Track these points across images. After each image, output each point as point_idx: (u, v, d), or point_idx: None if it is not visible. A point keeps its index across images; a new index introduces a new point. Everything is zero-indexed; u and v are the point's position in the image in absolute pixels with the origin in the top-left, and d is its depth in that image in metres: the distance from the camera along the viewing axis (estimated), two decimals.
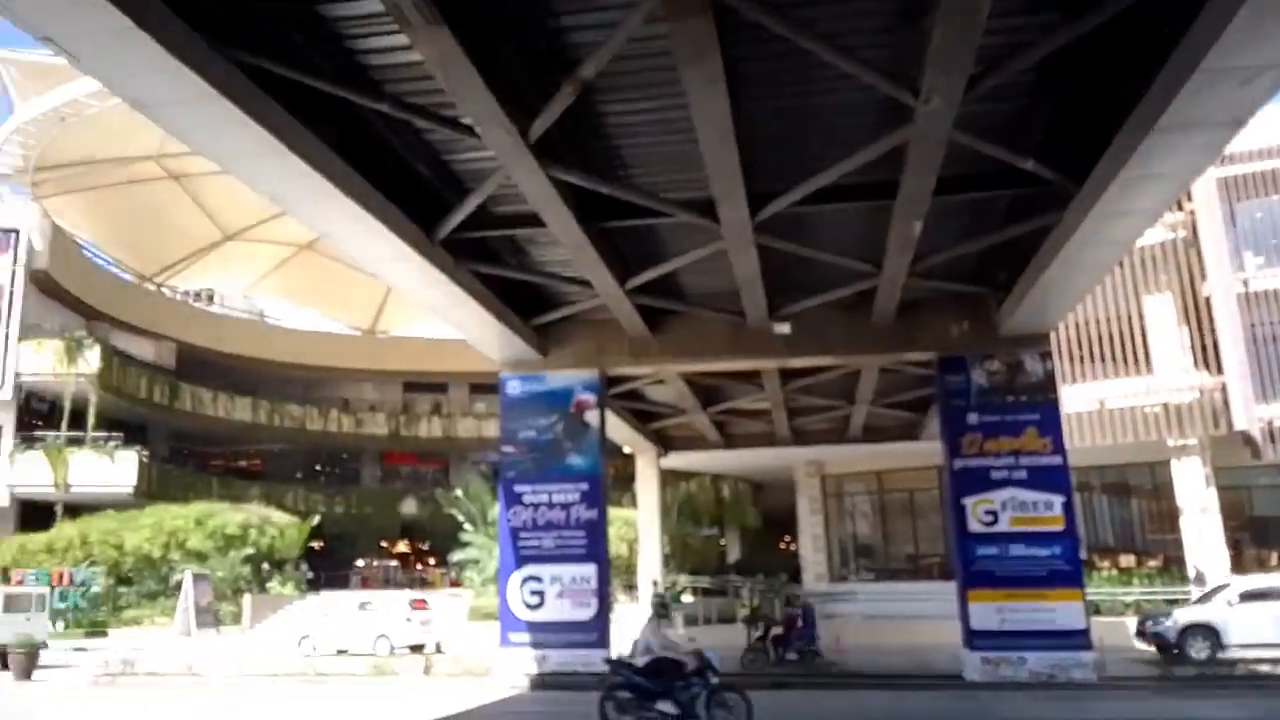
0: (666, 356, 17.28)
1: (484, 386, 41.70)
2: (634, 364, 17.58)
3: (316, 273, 45.35)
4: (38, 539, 30.82)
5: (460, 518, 31.94)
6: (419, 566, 43.92)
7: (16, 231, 33.95)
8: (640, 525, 27.06)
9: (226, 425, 42.32)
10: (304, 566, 34.76)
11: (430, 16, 7.31)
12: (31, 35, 7.24)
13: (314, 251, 43.44)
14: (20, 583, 28.39)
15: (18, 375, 33.38)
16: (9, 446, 33.23)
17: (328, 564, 40.24)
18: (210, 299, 48.34)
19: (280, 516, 34.12)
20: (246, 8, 8.15)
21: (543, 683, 15.59)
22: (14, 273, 33.74)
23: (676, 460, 27.97)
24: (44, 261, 34.58)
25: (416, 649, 20.93)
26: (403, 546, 47.95)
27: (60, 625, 27.35)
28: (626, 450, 27.07)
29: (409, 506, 46.13)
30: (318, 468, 48.16)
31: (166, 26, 7.15)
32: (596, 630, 15.96)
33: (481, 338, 16.59)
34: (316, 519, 35.94)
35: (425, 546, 46.23)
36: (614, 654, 13.28)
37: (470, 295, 13.83)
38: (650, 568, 26.16)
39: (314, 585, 34.34)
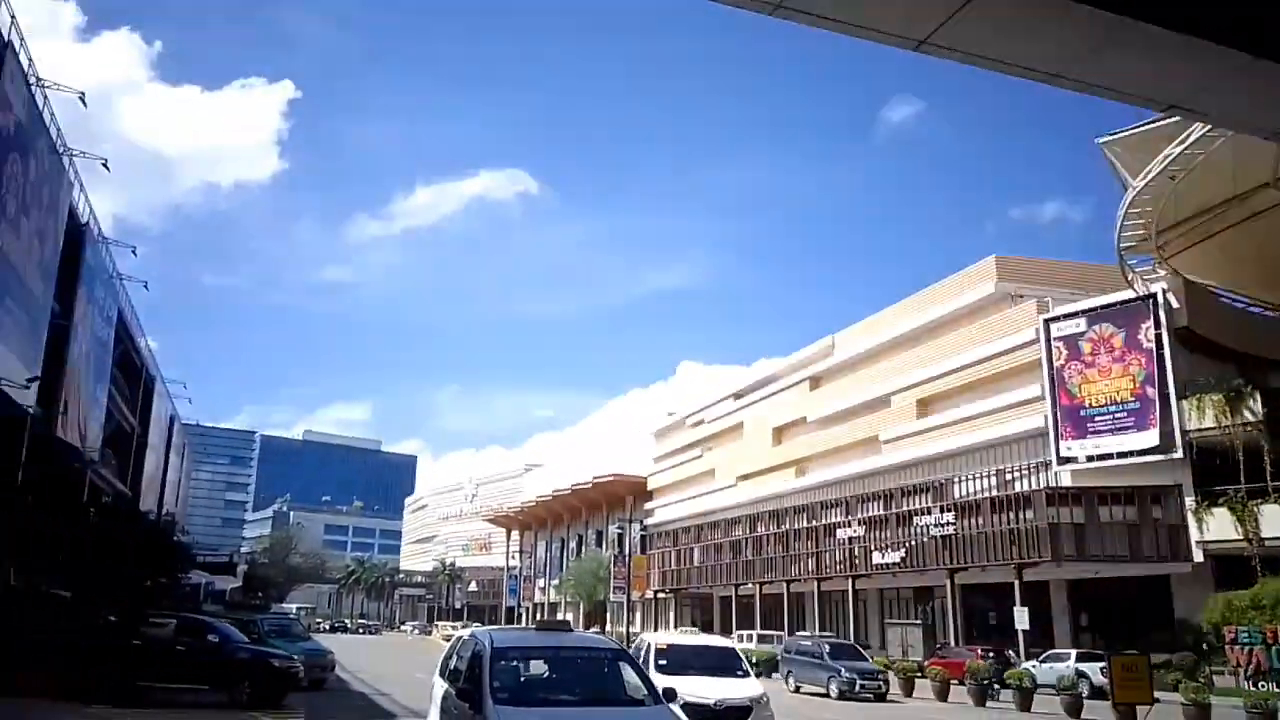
0: None
1: None
2: None
3: None
4: (1241, 596, 30.16)
5: None
6: None
7: (1153, 297, 35.60)
8: None
9: None
10: None
11: None
12: (1153, 109, 7.36)
13: None
14: (1234, 641, 28.19)
15: (1184, 433, 34.18)
16: (1191, 504, 33.94)
17: None
18: None
19: None
20: None
21: None
22: (1159, 336, 35.23)
23: None
24: (1183, 318, 35.27)
25: None
26: None
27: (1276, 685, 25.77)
28: None
29: None
30: None
31: None
32: None
33: None
34: None
35: None
36: None
37: None
38: None
39: None
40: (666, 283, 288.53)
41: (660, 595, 70.82)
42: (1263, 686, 25.87)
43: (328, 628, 78.69)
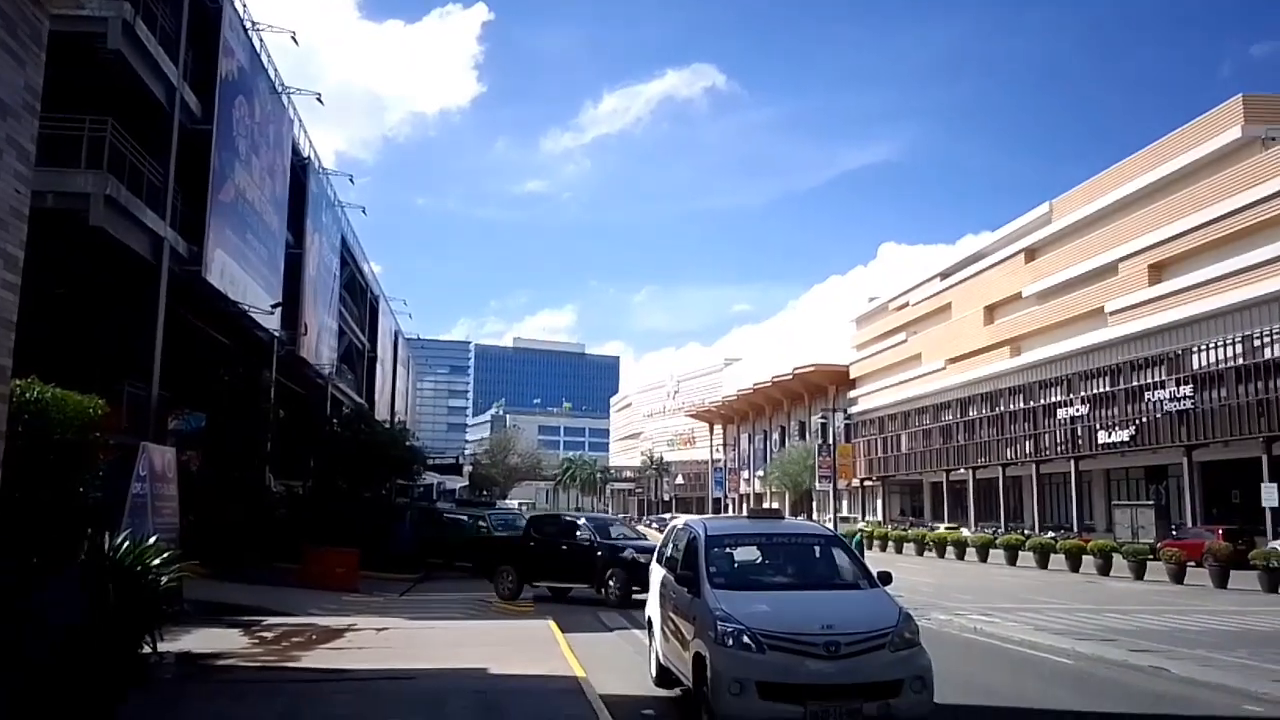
0: None
1: None
2: None
3: None
4: None
5: None
6: None
7: None
8: None
9: None
10: None
11: None
12: None
13: None
14: None
15: None
16: None
17: None
18: None
19: None
20: None
21: None
22: None
23: None
24: None
25: None
26: None
27: None
28: None
29: None
30: None
31: None
32: None
33: None
34: None
35: None
36: None
37: None
38: None
39: None
40: (863, 161, 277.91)
41: (867, 483, 70.34)
42: None
43: None
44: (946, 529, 46.03)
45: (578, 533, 18.49)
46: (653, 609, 9.76)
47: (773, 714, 6.75)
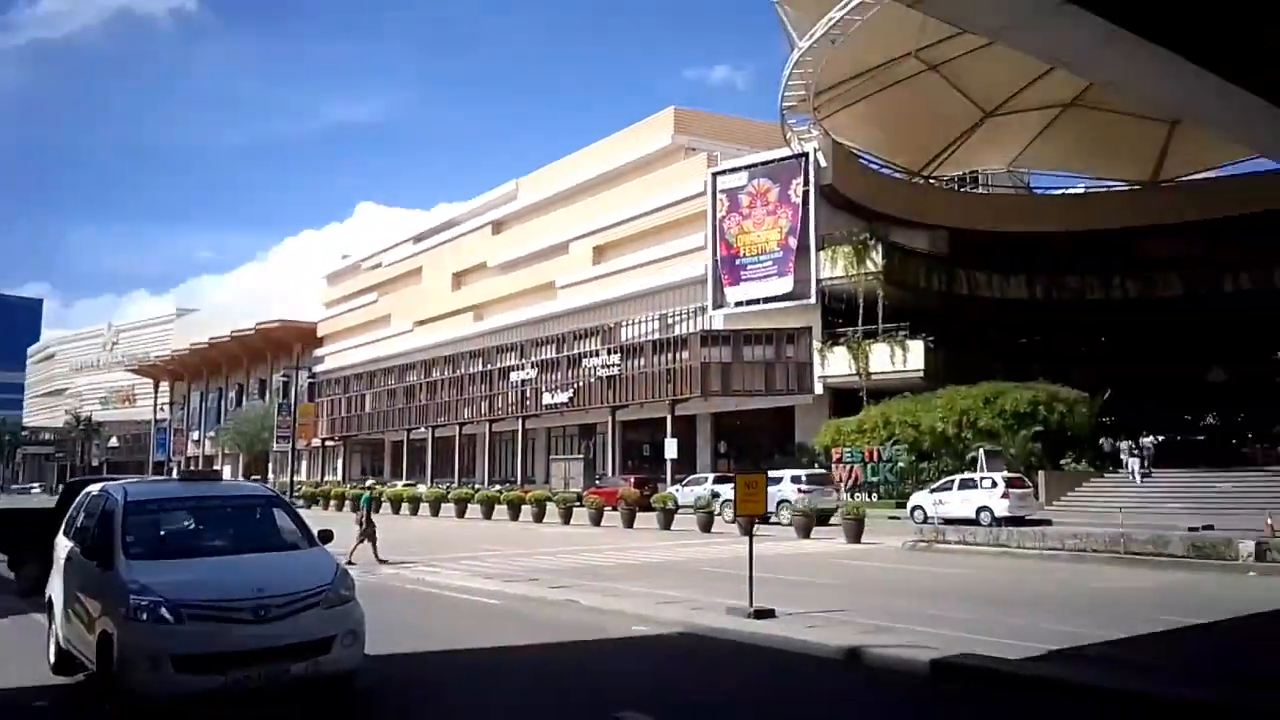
0: None
1: None
2: None
3: (1083, 130, 42.31)
4: (849, 422, 35.14)
5: None
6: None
7: (806, 155, 38.74)
8: None
9: (1003, 305, 42.47)
10: (1106, 443, 33.19)
11: None
12: None
13: (1081, 107, 40.72)
14: (840, 460, 33.30)
15: (819, 281, 38.32)
16: (817, 345, 38.49)
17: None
18: (975, 181, 48.97)
19: (1068, 393, 33.16)
20: None
21: None
22: (806, 192, 38.64)
23: None
24: (829, 176, 38.78)
25: (1014, 521, 23.02)
26: (1211, 419, 43.06)
27: (873, 497, 31.23)
28: None
29: (1216, 375, 40.96)
30: (1102, 339, 45.29)
31: None
32: None
33: None
34: (1107, 394, 33.86)
35: (1241, 419, 40.73)
36: None
37: None
38: None
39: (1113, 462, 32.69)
40: (347, 117, 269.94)
41: (329, 443, 69.09)
42: (859, 497, 30.90)
43: None
44: (404, 486, 47.04)
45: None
46: (54, 588, 8.53)
47: (188, 687, 6.33)
